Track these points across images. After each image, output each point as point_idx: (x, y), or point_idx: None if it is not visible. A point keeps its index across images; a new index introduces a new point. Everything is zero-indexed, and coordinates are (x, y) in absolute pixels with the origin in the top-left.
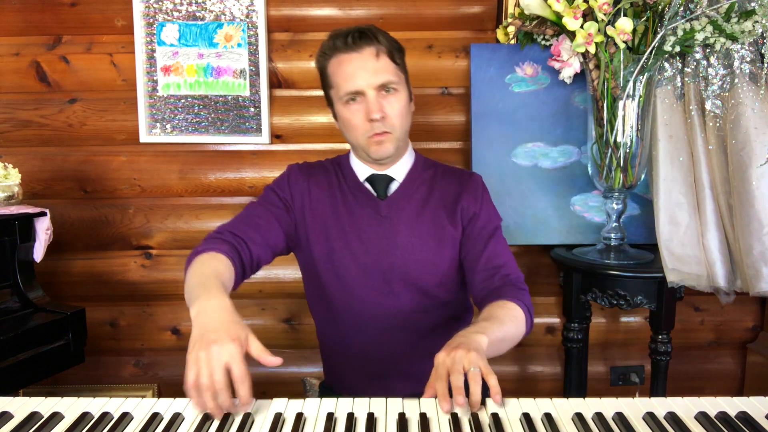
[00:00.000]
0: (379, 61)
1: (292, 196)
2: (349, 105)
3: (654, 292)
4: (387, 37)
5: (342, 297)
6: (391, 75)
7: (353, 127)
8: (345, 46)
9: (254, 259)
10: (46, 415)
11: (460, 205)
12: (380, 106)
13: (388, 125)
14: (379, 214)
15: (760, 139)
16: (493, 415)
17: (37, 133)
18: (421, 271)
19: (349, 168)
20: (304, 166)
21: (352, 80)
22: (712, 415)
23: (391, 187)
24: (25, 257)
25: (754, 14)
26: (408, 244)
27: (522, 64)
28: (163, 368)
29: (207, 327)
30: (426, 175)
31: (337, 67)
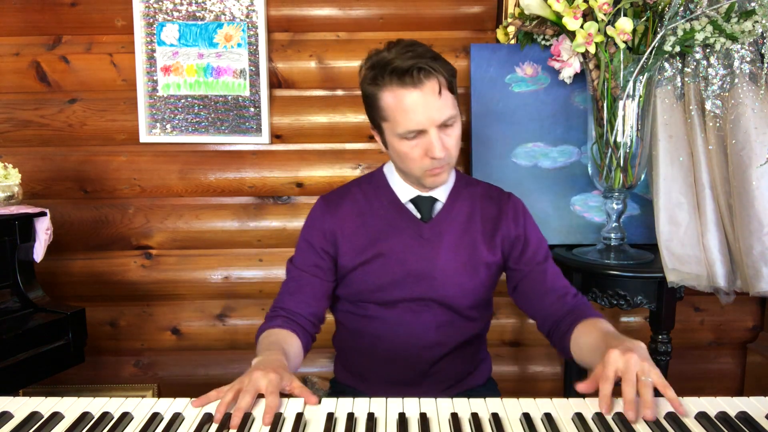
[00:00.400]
0: (441, 98)
1: (324, 238)
2: (407, 140)
3: (654, 292)
4: (443, 65)
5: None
6: (452, 109)
7: (410, 160)
8: (403, 82)
9: (311, 319)
10: (46, 415)
11: (500, 231)
12: (443, 145)
13: (446, 159)
14: (421, 237)
15: (760, 139)
16: (493, 415)
17: (37, 133)
18: (456, 294)
19: (387, 187)
20: (329, 198)
21: (414, 119)
22: (712, 415)
23: (434, 208)
24: (25, 257)
25: (754, 14)
26: (447, 267)
27: (522, 64)
28: (163, 368)
29: (259, 363)
30: (466, 194)
31: (393, 101)
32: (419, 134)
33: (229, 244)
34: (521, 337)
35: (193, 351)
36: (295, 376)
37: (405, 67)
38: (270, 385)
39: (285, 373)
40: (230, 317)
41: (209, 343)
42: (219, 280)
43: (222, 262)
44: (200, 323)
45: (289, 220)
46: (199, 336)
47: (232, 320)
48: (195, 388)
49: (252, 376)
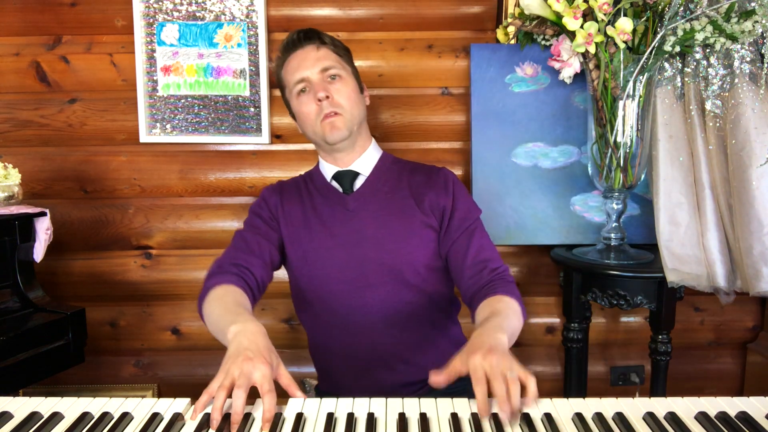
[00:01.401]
0: (320, 51)
1: (271, 213)
2: (299, 98)
3: (654, 292)
4: (330, 37)
5: (321, 296)
6: (333, 61)
7: (306, 115)
8: (291, 46)
9: (259, 282)
10: (46, 415)
11: (428, 197)
12: (325, 87)
13: (335, 105)
14: (347, 209)
15: (760, 139)
16: (493, 415)
17: (37, 133)
18: (395, 260)
19: (317, 171)
20: (276, 185)
21: (297, 71)
22: (712, 415)
23: (357, 182)
24: (25, 257)
25: (754, 14)
26: (378, 235)
27: (522, 64)
28: (163, 368)
29: (244, 346)
30: (394, 168)
31: (285, 68)
32: (307, 87)
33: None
34: (521, 337)
35: (193, 351)
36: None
37: (290, 38)
38: (265, 381)
39: (273, 357)
40: None
41: (209, 343)
42: None
43: None
44: (200, 323)
45: None
46: (199, 336)
47: None
48: (195, 388)
49: (242, 367)
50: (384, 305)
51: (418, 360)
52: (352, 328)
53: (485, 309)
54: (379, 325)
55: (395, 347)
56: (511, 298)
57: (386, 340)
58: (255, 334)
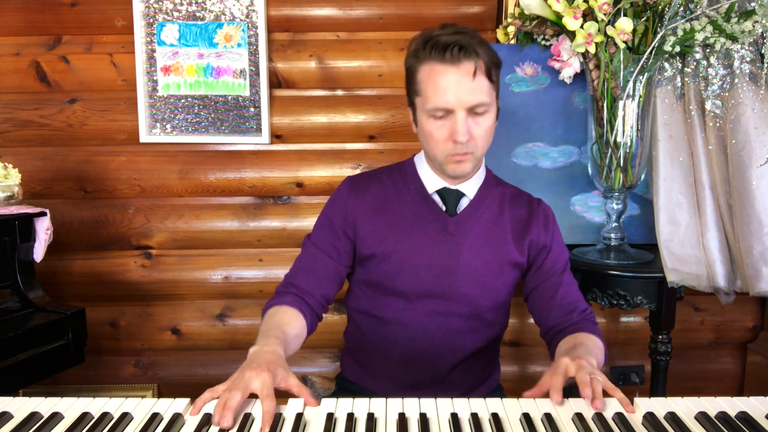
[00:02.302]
0: (475, 81)
1: (345, 219)
2: (434, 119)
3: (654, 292)
4: (487, 51)
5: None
6: (485, 96)
7: (434, 141)
8: (441, 57)
9: (321, 300)
10: (46, 415)
11: (529, 235)
12: (468, 129)
13: (471, 147)
14: (446, 231)
15: (760, 139)
16: (493, 415)
17: (37, 133)
18: (480, 293)
19: (415, 176)
20: (357, 179)
21: (443, 96)
22: (712, 415)
23: (461, 203)
24: (25, 257)
25: (754, 14)
26: (471, 265)
27: (522, 64)
28: (163, 368)
29: (253, 359)
30: (495, 193)
31: (428, 77)
32: (447, 114)
33: (229, 244)
34: (521, 337)
35: (193, 351)
36: (290, 372)
37: (445, 43)
38: (264, 387)
39: (279, 369)
40: (230, 317)
41: (209, 343)
42: (219, 280)
43: (222, 262)
44: (200, 323)
45: (289, 220)
46: (199, 336)
47: (232, 320)
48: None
49: (244, 375)
50: (453, 333)
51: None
52: (417, 349)
53: (570, 340)
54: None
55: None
56: (597, 336)
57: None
58: (267, 353)
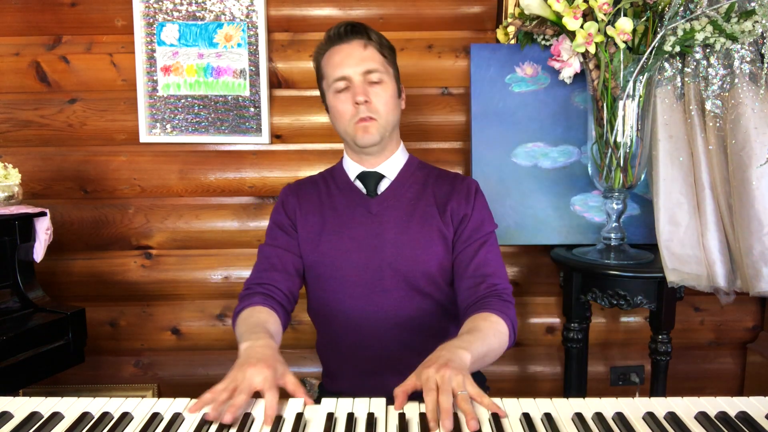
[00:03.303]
0: (366, 51)
1: (289, 218)
2: (338, 95)
3: (654, 292)
4: (378, 34)
5: (335, 297)
6: (377, 64)
7: (341, 114)
8: (336, 38)
9: (287, 294)
10: (46, 415)
11: (450, 205)
12: (365, 90)
13: (372, 110)
14: (369, 212)
15: (760, 139)
16: (493, 415)
17: (37, 133)
18: (412, 268)
19: (340, 169)
20: (294, 184)
21: (339, 68)
22: (712, 415)
23: (382, 185)
24: (25, 257)
25: (754, 14)
26: (398, 241)
27: (522, 64)
28: (163, 368)
29: (250, 356)
30: (419, 174)
31: (327, 59)
32: (346, 86)
33: (229, 244)
34: (521, 337)
35: (193, 351)
36: (287, 368)
37: (337, 28)
38: (266, 382)
39: (278, 365)
40: (230, 317)
41: (209, 343)
42: (219, 280)
43: (222, 262)
44: (200, 323)
45: None
46: (199, 336)
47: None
48: (195, 388)
49: (246, 373)
50: (396, 311)
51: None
52: (363, 331)
53: (468, 323)
54: (390, 330)
55: (404, 352)
56: (500, 317)
57: (396, 345)
58: (262, 347)
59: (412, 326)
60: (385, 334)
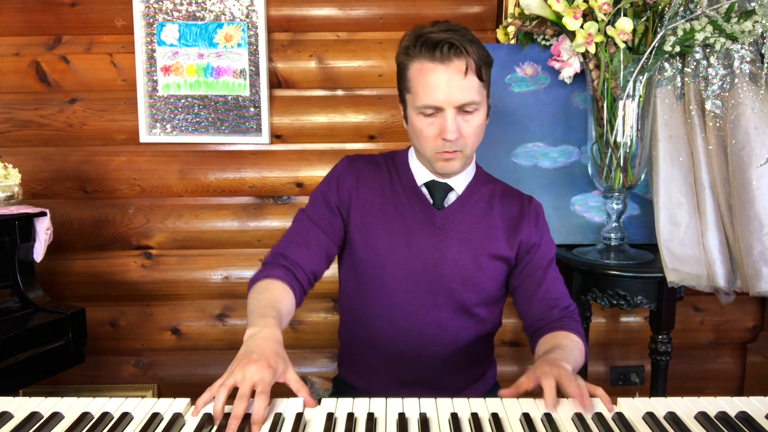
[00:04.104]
0: (466, 79)
1: (340, 197)
2: (424, 116)
3: (654, 292)
4: (477, 50)
5: (381, 300)
6: (475, 95)
7: (424, 138)
8: (432, 55)
9: (310, 276)
10: (46, 415)
11: (520, 233)
12: (457, 127)
13: (460, 145)
14: (433, 224)
15: (760, 139)
16: (493, 415)
17: (37, 133)
18: (467, 288)
19: (406, 168)
20: (355, 160)
21: (433, 94)
22: (712, 415)
23: (449, 198)
24: (25, 257)
25: (754, 14)
26: (458, 259)
27: (522, 64)
28: (163, 368)
29: (251, 349)
30: (485, 190)
31: (419, 74)
32: (436, 112)
33: (229, 244)
34: (521, 337)
35: (193, 351)
36: (290, 364)
37: (436, 40)
38: (262, 384)
39: (279, 362)
40: (230, 317)
41: (209, 343)
42: (219, 280)
43: (222, 262)
44: (200, 323)
45: (289, 220)
46: (199, 336)
47: (232, 320)
48: (195, 388)
49: (246, 371)
50: (441, 328)
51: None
52: (405, 341)
53: (550, 340)
54: (432, 346)
55: (442, 369)
56: (579, 338)
57: (434, 361)
58: (266, 339)
59: (455, 342)
60: (427, 347)
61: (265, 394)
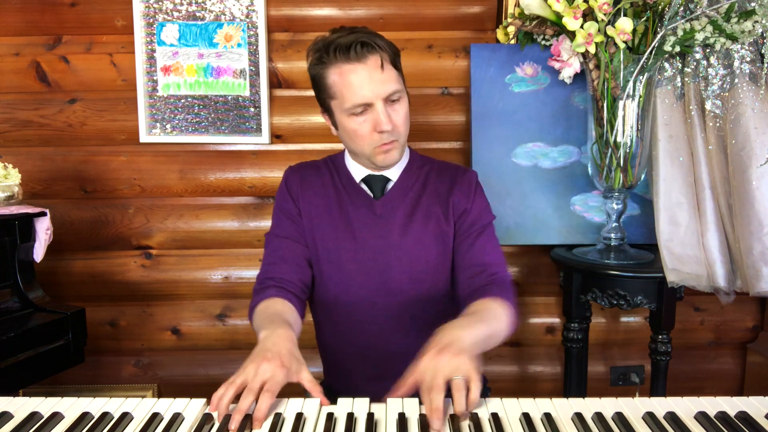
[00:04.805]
0: (384, 71)
1: (295, 203)
2: (355, 117)
3: (654, 292)
4: (385, 42)
5: (338, 297)
6: (397, 84)
7: (359, 137)
8: (347, 57)
9: (300, 285)
10: (46, 415)
11: (451, 200)
12: (389, 118)
13: (395, 134)
14: (374, 214)
15: (760, 139)
16: (492, 415)
17: (37, 133)
18: (417, 268)
19: (344, 168)
20: (297, 168)
21: (359, 93)
22: (712, 415)
23: (387, 187)
24: (25, 257)
25: (754, 14)
26: (402, 242)
27: (522, 64)
28: (163, 368)
29: (268, 348)
30: (421, 172)
31: (340, 78)
32: (366, 109)
33: (229, 244)
34: (521, 337)
35: (193, 351)
36: (304, 364)
37: (347, 43)
38: (272, 382)
39: (293, 362)
40: (230, 317)
41: (209, 343)
42: (219, 280)
43: (222, 262)
44: (200, 323)
45: None
46: (199, 336)
47: (232, 320)
48: (195, 388)
49: (259, 368)
50: (401, 311)
51: None
52: (367, 331)
53: (467, 310)
54: (394, 330)
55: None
56: (501, 303)
57: (400, 345)
58: (280, 337)
59: (418, 326)
60: (392, 336)
61: (271, 392)
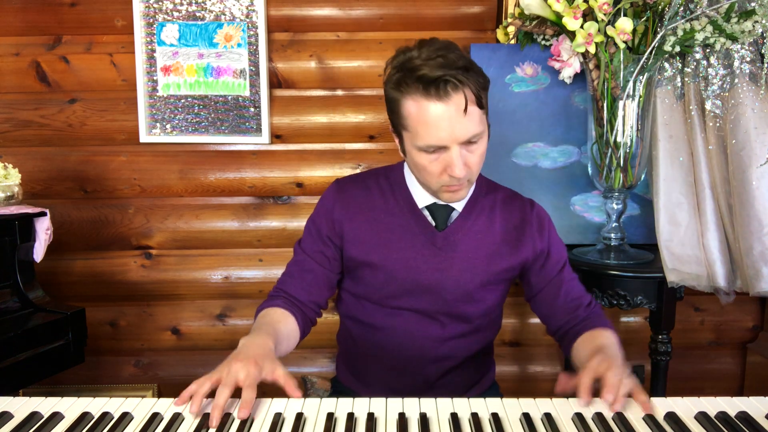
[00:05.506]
0: (467, 115)
1: (331, 228)
2: (426, 154)
3: (654, 292)
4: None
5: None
6: (479, 126)
7: (428, 174)
8: (428, 92)
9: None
10: (46, 415)
11: (524, 242)
12: (464, 162)
13: (466, 175)
14: (434, 245)
15: (760, 139)
16: (493, 415)
17: (37, 133)
18: (470, 305)
19: (404, 187)
20: (345, 186)
21: (435, 135)
22: (712, 415)
23: (451, 216)
24: (25, 257)
25: (754, 14)
26: (460, 279)
27: (522, 64)
28: (163, 368)
29: (241, 351)
30: (485, 202)
31: (416, 112)
32: (440, 149)
33: (229, 244)
34: (521, 337)
35: (193, 351)
36: (279, 363)
37: (432, 77)
38: (248, 378)
39: (266, 362)
40: (230, 317)
41: (209, 343)
42: (219, 280)
43: (222, 262)
44: (200, 323)
45: (289, 220)
46: (199, 336)
47: (232, 320)
48: None
49: (231, 367)
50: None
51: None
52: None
53: (588, 342)
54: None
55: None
56: (610, 331)
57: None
58: (255, 344)
59: (457, 355)
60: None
61: (251, 387)
